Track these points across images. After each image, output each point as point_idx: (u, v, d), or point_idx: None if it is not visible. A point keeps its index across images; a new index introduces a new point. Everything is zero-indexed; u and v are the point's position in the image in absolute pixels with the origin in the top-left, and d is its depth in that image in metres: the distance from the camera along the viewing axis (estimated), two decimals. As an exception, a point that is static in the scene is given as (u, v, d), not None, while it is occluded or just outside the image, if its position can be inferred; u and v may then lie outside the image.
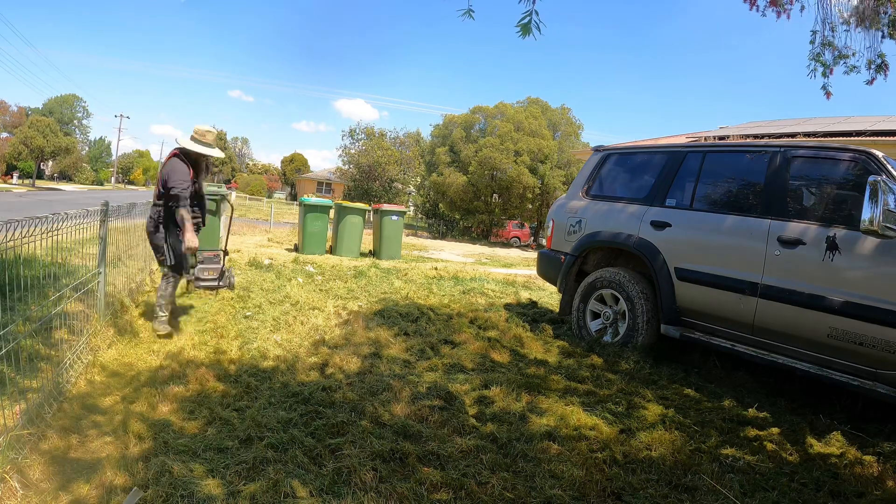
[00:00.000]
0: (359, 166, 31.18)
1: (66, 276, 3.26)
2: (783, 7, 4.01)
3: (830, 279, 3.21)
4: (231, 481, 2.06)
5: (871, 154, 3.29)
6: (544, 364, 3.83)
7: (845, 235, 3.20)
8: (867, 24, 4.00)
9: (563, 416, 2.86)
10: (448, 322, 4.81)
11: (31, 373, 2.57)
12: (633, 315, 4.17)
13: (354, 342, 4.00)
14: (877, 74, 4.11)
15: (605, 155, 4.91)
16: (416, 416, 2.75)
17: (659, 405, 3.17)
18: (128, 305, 4.22)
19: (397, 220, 10.36)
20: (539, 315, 5.56)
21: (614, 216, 4.47)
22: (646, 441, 2.63)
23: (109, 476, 2.01)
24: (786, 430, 2.94)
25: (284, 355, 3.62)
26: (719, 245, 3.76)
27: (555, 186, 26.79)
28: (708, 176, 4.07)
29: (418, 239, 21.68)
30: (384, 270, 8.01)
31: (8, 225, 2.18)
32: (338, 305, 5.23)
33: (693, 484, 2.29)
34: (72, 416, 2.47)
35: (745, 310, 3.56)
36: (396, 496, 2.03)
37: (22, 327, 2.54)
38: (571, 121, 29.36)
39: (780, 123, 12.21)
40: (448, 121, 30.13)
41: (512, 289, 7.41)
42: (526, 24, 2.40)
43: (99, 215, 3.46)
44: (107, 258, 3.72)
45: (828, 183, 3.54)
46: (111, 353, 3.36)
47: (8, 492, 1.85)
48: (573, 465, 2.35)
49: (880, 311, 2.99)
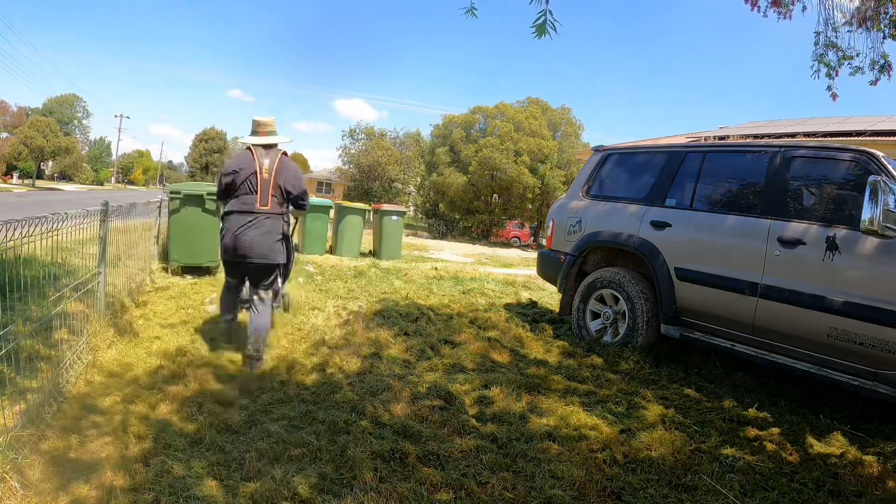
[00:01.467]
0: (359, 166, 31.18)
1: (66, 276, 3.26)
2: (786, 7, 4.00)
3: (830, 279, 3.21)
4: (231, 481, 2.05)
5: (871, 154, 3.29)
6: (544, 364, 3.83)
7: (845, 235, 3.20)
8: (869, 25, 3.99)
9: (564, 416, 2.86)
10: (448, 322, 4.81)
11: (30, 373, 2.57)
12: (633, 315, 4.16)
13: (354, 342, 4.00)
14: (880, 75, 4.10)
15: (605, 155, 4.91)
16: (417, 416, 2.75)
17: (659, 405, 3.17)
18: (128, 305, 4.22)
19: (397, 220, 10.35)
20: (539, 315, 5.56)
21: (614, 216, 4.47)
22: (646, 441, 2.63)
23: (109, 476, 2.01)
24: (786, 430, 2.94)
25: (284, 355, 3.62)
26: (719, 245, 3.76)
27: (555, 186, 26.77)
28: (708, 176, 4.06)
29: (418, 239, 21.67)
30: (384, 270, 8.01)
31: (8, 225, 2.18)
32: (338, 305, 5.22)
33: (693, 484, 2.29)
34: (71, 417, 2.47)
35: (745, 310, 3.55)
36: (396, 496, 2.03)
37: (22, 327, 2.54)
38: (571, 121, 29.34)
39: (780, 123, 12.21)
40: (448, 121, 30.11)
41: (512, 289, 7.41)
42: (541, 24, 2.39)
43: (99, 215, 3.46)
44: (107, 258, 3.72)
45: (828, 183, 3.53)
46: (111, 353, 3.36)
47: (8, 492, 1.84)
48: (573, 465, 2.35)
49: (880, 311, 2.98)
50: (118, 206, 4.10)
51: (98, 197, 9.80)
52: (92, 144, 67.73)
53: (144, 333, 3.87)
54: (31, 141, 39.72)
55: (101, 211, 3.49)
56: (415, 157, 33.10)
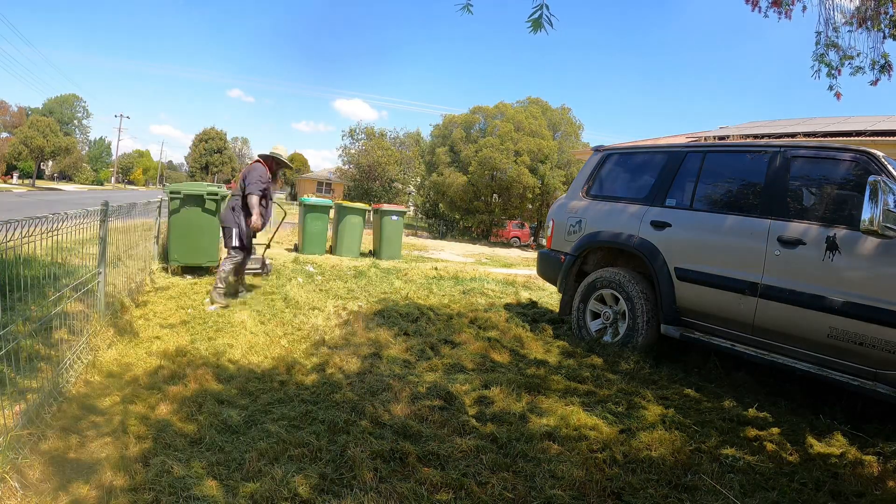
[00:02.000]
0: (359, 166, 31.15)
1: (66, 276, 3.26)
2: (786, 8, 4.00)
3: (830, 279, 3.21)
4: (231, 481, 2.05)
5: (871, 154, 3.29)
6: (544, 364, 3.83)
7: (845, 235, 3.20)
8: (869, 25, 3.99)
9: (564, 417, 2.86)
10: (448, 322, 4.81)
11: (30, 373, 2.57)
12: (633, 315, 4.16)
13: (354, 342, 4.00)
14: (881, 75, 4.10)
15: (605, 155, 4.90)
16: (417, 417, 2.75)
17: (659, 405, 3.17)
18: (128, 305, 4.22)
19: (397, 220, 10.35)
20: (539, 315, 5.56)
21: (614, 216, 4.47)
22: (646, 441, 2.63)
23: (109, 476, 2.01)
24: (786, 430, 2.94)
25: (284, 355, 3.62)
26: (719, 245, 3.76)
27: (555, 186, 26.77)
28: (708, 176, 4.06)
29: (418, 239, 21.67)
30: (384, 270, 8.01)
31: (8, 225, 2.18)
32: (338, 305, 5.22)
33: (693, 484, 2.29)
34: (71, 417, 2.47)
35: (745, 310, 3.55)
36: (397, 496, 2.02)
37: (22, 327, 2.54)
38: (571, 121, 29.34)
39: (780, 123, 12.21)
40: (448, 121, 30.12)
41: (512, 289, 7.41)
42: (537, 18, 2.39)
43: (99, 215, 3.46)
44: (107, 258, 3.72)
45: (828, 183, 3.53)
46: (111, 353, 3.35)
47: (8, 492, 1.84)
48: (573, 465, 2.35)
49: (880, 311, 2.98)
50: (118, 206, 4.10)
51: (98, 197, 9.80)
52: (92, 144, 67.76)
53: (144, 333, 3.87)
54: (31, 141, 39.75)
55: (101, 211, 3.49)
56: (415, 157, 33.10)
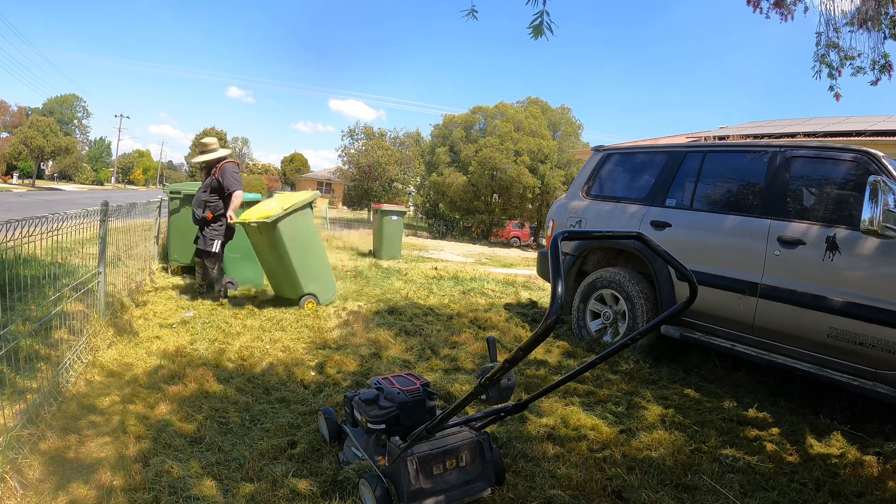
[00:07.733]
0: (359, 166, 31.13)
1: (66, 276, 3.26)
2: (788, 9, 4.00)
3: (830, 279, 3.20)
4: (230, 481, 2.05)
5: (871, 154, 3.29)
6: (544, 364, 3.83)
7: (845, 235, 3.20)
8: (869, 25, 3.99)
9: (564, 417, 2.86)
10: (448, 322, 4.80)
11: (30, 373, 2.57)
12: (633, 315, 4.16)
13: (354, 343, 4.00)
14: (881, 75, 4.10)
15: (605, 155, 4.90)
16: (416, 417, 2.74)
17: (659, 405, 3.17)
18: (128, 305, 4.22)
19: (397, 220, 10.35)
20: (539, 315, 5.55)
21: (614, 216, 4.47)
22: (646, 441, 2.63)
23: (108, 476, 2.01)
24: (786, 430, 2.94)
25: (284, 356, 3.62)
26: (719, 245, 3.76)
27: (555, 186, 26.75)
28: (708, 176, 4.06)
29: (418, 239, 21.67)
30: (384, 270, 8.01)
31: (8, 225, 2.18)
32: (338, 305, 5.22)
33: (693, 484, 2.29)
34: (71, 417, 2.47)
35: (745, 310, 3.55)
36: (396, 496, 2.02)
37: (21, 327, 2.54)
38: (571, 121, 29.32)
39: (780, 123, 12.22)
40: (448, 121, 30.10)
41: (512, 289, 7.41)
42: (538, 25, 2.41)
43: (99, 215, 3.46)
44: (107, 258, 3.72)
45: (828, 183, 3.53)
46: (111, 353, 3.35)
47: (7, 492, 1.84)
48: (573, 465, 2.35)
49: (880, 311, 2.98)
50: (118, 206, 4.10)
51: (98, 197, 9.81)
52: (92, 144, 67.73)
53: (144, 333, 3.87)
54: (31, 141, 39.75)
55: (101, 211, 3.49)
56: (415, 157, 33.07)
